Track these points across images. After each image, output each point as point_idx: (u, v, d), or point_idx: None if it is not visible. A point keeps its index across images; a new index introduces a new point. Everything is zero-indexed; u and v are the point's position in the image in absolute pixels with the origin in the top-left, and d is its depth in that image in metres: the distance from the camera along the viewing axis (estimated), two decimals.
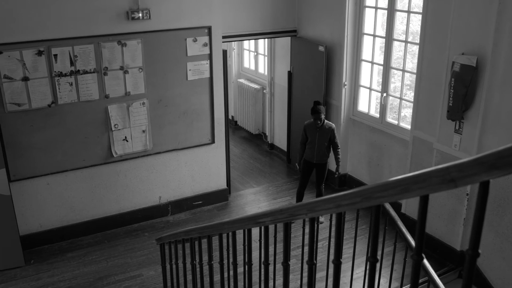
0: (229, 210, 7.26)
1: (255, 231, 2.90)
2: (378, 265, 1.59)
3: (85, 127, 6.17)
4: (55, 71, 5.87)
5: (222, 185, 7.39)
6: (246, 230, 2.61)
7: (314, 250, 1.88)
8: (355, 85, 7.19)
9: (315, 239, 1.93)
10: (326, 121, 6.46)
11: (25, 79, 5.75)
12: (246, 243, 2.69)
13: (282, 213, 2.18)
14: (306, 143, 6.55)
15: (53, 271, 5.94)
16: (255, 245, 3.32)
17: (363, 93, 7.19)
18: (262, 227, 2.39)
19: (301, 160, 6.70)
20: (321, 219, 6.61)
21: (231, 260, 3.12)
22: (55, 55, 5.83)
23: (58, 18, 5.73)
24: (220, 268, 2.97)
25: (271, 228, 2.56)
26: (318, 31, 7.40)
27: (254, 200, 7.56)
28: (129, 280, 5.76)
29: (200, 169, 7.10)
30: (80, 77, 6.01)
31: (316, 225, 2.18)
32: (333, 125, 6.48)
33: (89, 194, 6.50)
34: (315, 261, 1.99)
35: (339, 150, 6.53)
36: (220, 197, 7.39)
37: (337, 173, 6.62)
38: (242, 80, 10.15)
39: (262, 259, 2.40)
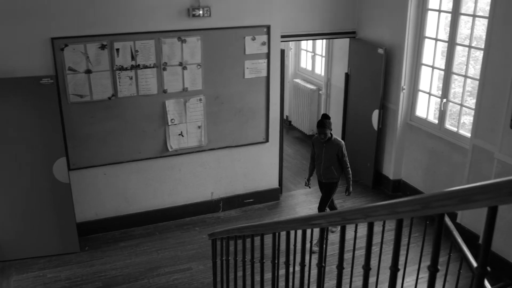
0: (279, 210, 7.25)
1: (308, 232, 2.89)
2: (430, 275, 1.54)
3: (143, 120, 6.31)
4: (116, 65, 6.02)
5: (274, 184, 7.39)
6: (297, 231, 2.60)
7: (369, 255, 1.85)
8: (414, 90, 7.03)
9: (370, 244, 1.90)
10: (335, 137, 6.08)
11: (88, 71, 5.93)
12: (293, 244, 2.67)
13: (336, 217, 2.16)
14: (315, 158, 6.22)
15: (106, 259, 6.10)
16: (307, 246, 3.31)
17: (421, 98, 7.03)
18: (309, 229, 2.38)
19: (310, 176, 6.39)
20: (334, 228, 6.43)
21: (281, 259, 3.11)
22: (117, 49, 5.98)
23: (122, 13, 5.88)
24: (272, 267, 2.97)
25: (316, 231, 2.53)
26: (378, 33, 7.28)
27: (305, 201, 7.52)
28: (178, 273, 5.84)
29: (253, 167, 7.13)
30: (140, 71, 6.14)
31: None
32: (342, 142, 6.08)
33: (143, 186, 6.63)
34: (370, 267, 1.95)
35: (349, 169, 6.10)
36: (271, 196, 7.40)
37: (347, 193, 6.21)
38: (298, 80, 10.12)
39: (316, 262, 2.38)
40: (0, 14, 5.43)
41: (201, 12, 6.13)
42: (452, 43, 6.32)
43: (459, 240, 3.71)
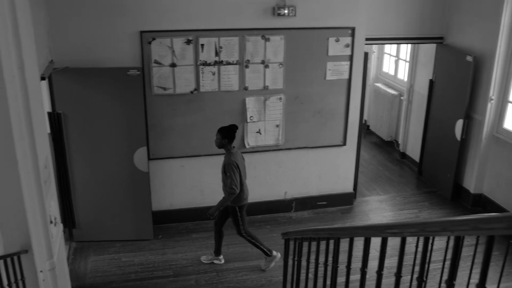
0: (352, 215, 7.13)
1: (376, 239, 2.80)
2: None
3: (223, 116, 6.39)
4: (200, 60, 6.14)
5: (349, 188, 7.29)
6: (371, 238, 2.54)
7: (455, 270, 1.77)
8: (503, 100, 6.69)
9: (456, 259, 1.81)
10: (235, 151, 5.55)
11: (173, 65, 6.08)
12: (365, 251, 2.60)
13: (414, 227, 2.09)
14: None
15: (178, 249, 6.24)
16: (376, 254, 3.22)
17: (511, 110, 6.68)
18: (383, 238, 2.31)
19: None
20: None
21: (352, 265, 3.05)
22: (202, 45, 6.09)
23: (208, 10, 5.99)
24: (347, 272, 2.91)
25: (396, 240, 2.45)
26: (467, 40, 6.99)
27: (379, 208, 7.36)
28: (247, 269, 5.88)
29: (328, 169, 7.06)
30: (223, 67, 6.22)
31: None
32: (231, 159, 5.42)
33: (218, 181, 6.67)
34: (454, 282, 1.87)
35: (228, 193, 5.47)
36: (345, 200, 7.30)
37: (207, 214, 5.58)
38: (379, 85, 9.92)
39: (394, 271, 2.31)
40: (95, 9, 5.69)
41: (286, 11, 6.13)
42: None
43: None
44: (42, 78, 4.53)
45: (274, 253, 5.90)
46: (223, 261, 6.01)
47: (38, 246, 3.55)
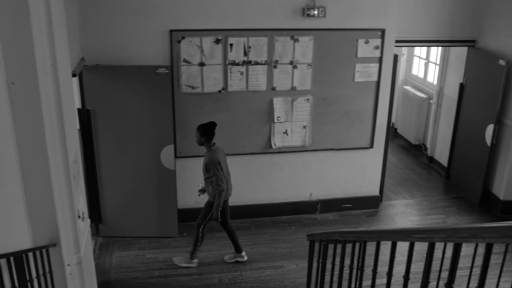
0: (378, 218, 7.07)
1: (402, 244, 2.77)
2: None
3: (250, 116, 6.40)
4: (228, 60, 6.16)
5: (375, 191, 7.22)
6: (396, 242, 2.51)
7: (485, 277, 1.74)
8: None
9: (486, 265, 1.78)
10: (216, 147, 5.59)
11: (201, 64, 6.11)
12: (392, 255, 2.57)
13: (443, 233, 2.06)
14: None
15: (202, 247, 6.24)
16: (402, 258, 3.19)
17: None
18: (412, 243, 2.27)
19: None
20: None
21: (380, 268, 3.03)
22: (231, 45, 6.11)
23: (238, 10, 6.00)
24: (372, 276, 2.89)
25: (423, 245, 2.42)
26: (501, 43, 6.86)
27: (405, 212, 7.28)
28: (270, 269, 5.87)
29: (354, 172, 7.01)
30: (251, 67, 6.23)
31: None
32: (212, 157, 5.48)
33: (244, 180, 6.74)
34: None
35: (216, 192, 5.51)
36: (370, 204, 7.23)
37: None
38: (408, 87, 9.81)
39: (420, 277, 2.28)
40: (126, 7, 5.76)
41: (316, 12, 6.10)
42: None
43: None
44: (73, 75, 4.60)
45: (196, 260, 5.91)
46: (246, 258, 6.03)
47: (66, 240, 3.60)
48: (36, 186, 3.27)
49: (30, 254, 3.31)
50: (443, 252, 3.60)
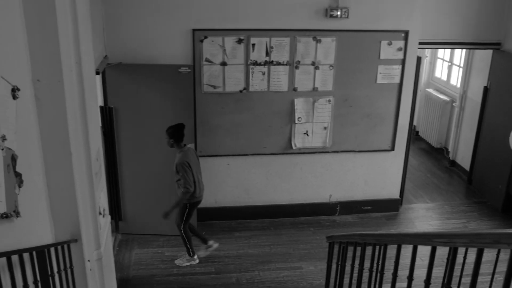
0: (397, 222, 7.01)
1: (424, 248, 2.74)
2: None
3: (271, 116, 6.40)
4: (250, 60, 6.16)
5: (395, 194, 7.16)
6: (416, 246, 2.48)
7: (509, 284, 1.71)
8: None
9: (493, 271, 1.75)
10: (187, 147, 5.68)
11: (223, 64, 6.12)
12: (413, 259, 2.55)
13: (465, 238, 2.03)
14: None
15: (221, 246, 6.27)
16: (420, 262, 3.15)
17: None
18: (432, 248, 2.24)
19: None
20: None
21: (401, 272, 3.00)
22: (253, 45, 6.11)
23: (260, 10, 6.00)
24: (392, 279, 2.86)
25: (442, 250, 2.39)
26: None
27: (425, 216, 7.21)
28: (288, 270, 5.86)
29: (375, 174, 6.96)
30: (273, 67, 6.22)
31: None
32: (182, 159, 5.53)
33: (264, 180, 6.74)
34: None
35: (183, 191, 5.57)
36: (390, 206, 7.18)
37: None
38: (430, 90, 9.71)
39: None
40: (150, 6, 5.80)
41: (339, 13, 6.07)
42: None
43: None
44: (96, 73, 4.65)
45: (196, 256, 5.99)
46: (215, 245, 6.07)
47: (87, 236, 3.64)
48: (59, 182, 3.31)
49: (52, 249, 3.35)
50: (464, 257, 3.56)
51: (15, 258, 2.96)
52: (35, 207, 3.19)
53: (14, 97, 2.66)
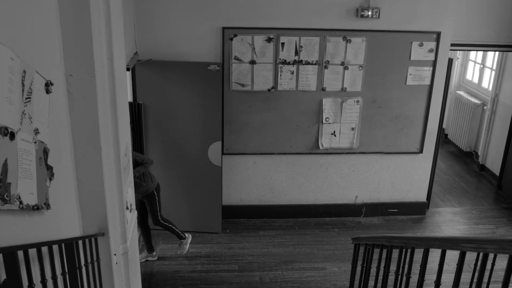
0: (424, 225, 6.93)
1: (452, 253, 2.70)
2: None
3: (298, 115, 6.38)
4: (279, 59, 6.15)
5: (422, 197, 7.08)
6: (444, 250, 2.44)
7: None
8: None
9: None
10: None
11: (252, 62, 6.13)
12: (441, 263, 2.51)
13: (491, 244, 1.99)
14: None
15: (244, 244, 6.29)
16: (446, 267, 3.10)
17: None
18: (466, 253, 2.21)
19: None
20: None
21: (428, 276, 2.96)
22: (283, 44, 6.10)
23: (290, 9, 5.99)
24: (418, 284, 2.83)
25: (470, 255, 2.35)
26: None
27: (452, 220, 7.11)
28: (312, 271, 5.84)
29: (402, 177, 6.89)
30: (302, 67, 6.21)
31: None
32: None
33: (289, 180, 6.73)
34: None
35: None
36: (417, 210, 7.10)
37: None
38: (461, 92, 9.56)
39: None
40: (180, 4, 5.84)
41: (370, 13, 6.02)
42: None
43: None
44: (127, 69, 4.69)
45: (187, 235, 5.96)
46: (156, 257, 6.01)
47: (114, 230, 3.68)
48: (88, 176, 3.35)
49: (80, 242, 3.40)
50: (493, 264, 3.50)
51: (44, 249, 3.01)
52: (64, 200, 3.24)
53: (48, 92, 2.70)
